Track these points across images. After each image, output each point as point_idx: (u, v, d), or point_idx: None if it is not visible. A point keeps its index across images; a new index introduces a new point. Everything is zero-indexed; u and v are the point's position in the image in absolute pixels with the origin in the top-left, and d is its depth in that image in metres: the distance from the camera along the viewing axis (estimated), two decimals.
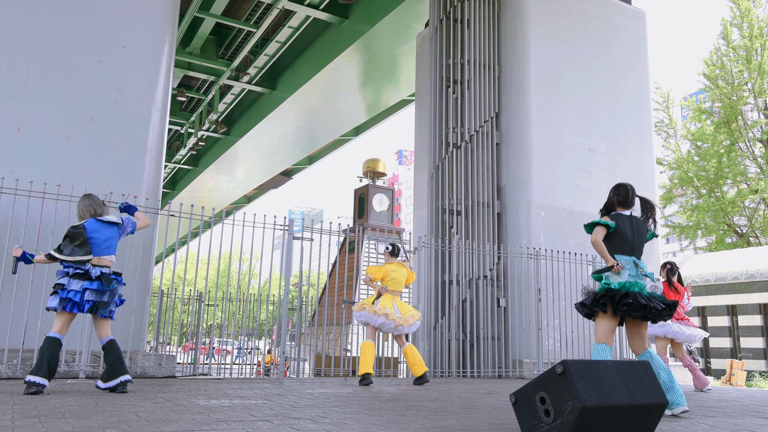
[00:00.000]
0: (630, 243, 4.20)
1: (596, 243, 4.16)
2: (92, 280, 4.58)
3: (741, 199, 22.77)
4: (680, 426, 3.62)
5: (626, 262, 4.14)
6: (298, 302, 7.73)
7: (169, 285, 15.68)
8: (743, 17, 22.90)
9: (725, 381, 15.40)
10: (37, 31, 6.90)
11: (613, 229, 4.17)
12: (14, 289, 5.85)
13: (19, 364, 5.86)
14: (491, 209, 9.89)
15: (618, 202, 4.35)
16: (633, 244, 4.22)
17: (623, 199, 4.35)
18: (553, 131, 10.27)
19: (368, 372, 6.24)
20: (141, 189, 7.02)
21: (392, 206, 19.50)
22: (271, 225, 7.26)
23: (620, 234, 4.19)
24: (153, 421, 3.18)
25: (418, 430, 3.20)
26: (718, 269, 19.26)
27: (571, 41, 10.86)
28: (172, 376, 6.79)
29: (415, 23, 14.05)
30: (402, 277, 6.67)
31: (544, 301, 9.05)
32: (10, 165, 6.45)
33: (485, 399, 5.26)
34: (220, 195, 28.12)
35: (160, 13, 7.66)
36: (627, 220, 4.26)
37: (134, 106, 7.21)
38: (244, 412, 3.70)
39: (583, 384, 2.74)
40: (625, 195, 4.35)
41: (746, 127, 23.46)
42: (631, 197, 4.36)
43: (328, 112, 19.30)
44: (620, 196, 4.36)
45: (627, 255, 4.18)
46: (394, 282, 6.60)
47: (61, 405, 3.79)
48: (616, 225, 4.19)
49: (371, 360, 6.31)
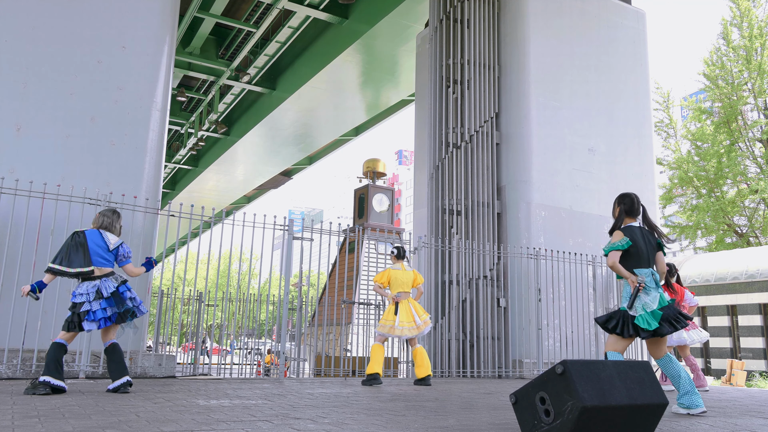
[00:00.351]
0: (645, 255, 4.22)
1: (614, 266, 4.18)
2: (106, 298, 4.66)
3: (741, 199, 22.77)
4: (680, 426, 3.62)
5: (645, 275, 4.15)
6: (298, 302, 7.73)
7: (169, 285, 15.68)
8: (743, 17, 22.89)
9: (725, 381, 15.40)
10: (37, 31, 6.90)
11: (629, 245, 4.17)
12: (14, 289, 5.85)
13: (19, 364, 5.86)
14: (491, 209, 9.89)
15: (625, 212, 4.35)
16: (648, 256, 4.24)
17: (629, 208, 4.36)
18: (553, 131, 10.27)
19: (377, 372, 6.29)
20: (141, 189, 7.02)
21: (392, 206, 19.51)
22: (271, 225, 7.26)
23: (635, 248, 4.20)
24: (153, 421, 3.18)
25: (418, 430, 3.20)
26: (718, 269, 19.26)
27: (571, 41, 10.86)
28: (172, 376, 6.80)
29: (415, 23, 14.04)
30: (406, 278, 6.67)
31: (544, 301, 9.05)
32: (10, 165, 6.46)
33: (485, 399, 5.26)
34: (220, 195, 28.12)
35: (160, 13, 7.66)
36: (638, 232, 4.27)
37: (134, 106, 7.21)
38: (244, 412, 3.70)
39: (583, 384, 2.74)
40: (630, 204, 4.37)
41: (746, 127, 23.46)
42: (637, 206, 4.38)
43: (328, 112, 19.30)
44: (626, 205, 4.36)
45: (645, 268, 4.19)
46: (399, 283, 6.62)
47: (61, 405, 3.79)
48: (631, 239, 4.20)
49: (382, 362, 6.40)
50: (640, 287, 4.08)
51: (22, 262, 5.99)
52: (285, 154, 23.30)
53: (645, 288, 4.11)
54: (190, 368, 8.80)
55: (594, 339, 9.63)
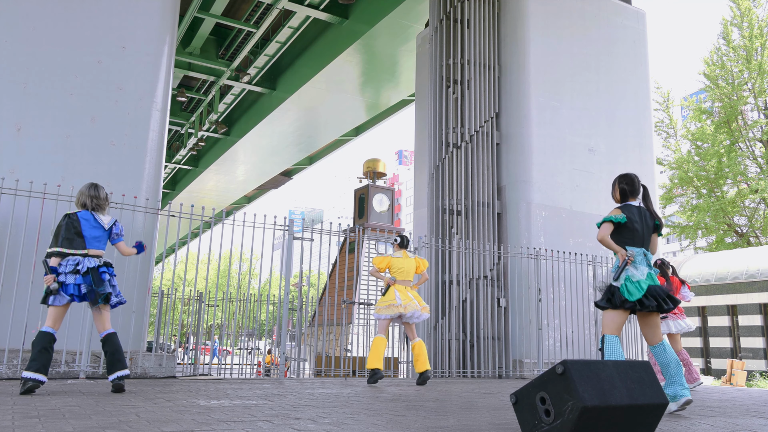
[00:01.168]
0: (639, 234, 4.21)
1: (603, 240, 4.17)
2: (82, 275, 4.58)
3: (741, 198, 22.78)
4: (680, 426, 3.62)
5: (637, 253, 4.15)
6: (299, 302, 7.73)
7: (169, 285, 15.68)
8: (743, 17, 22.90)
9: (725, 381, 15.40)
10: (37, 31, 6.91)
11: (624, 221, 4.17)
12: (14, 289, 5.86)
13: (19, 365, 5.86)
14: (491, 209, 9.89)
15: (627, 191, 4.36)
16: (642, 236, 4.23)
17: (630, 187, 4.36)
18: (553, 131, 10.27)
19: (378, 367, 6.24)
20: (141, 189, 7.02)
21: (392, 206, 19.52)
22: (271, 225, 7.26)
23: (630, 225, 4.19)
24: (153, 421, 3.18)
25: (418, 430, 3.20)
26: (718, 269, 19.27)
27: (571, 41, 10.86)
28: (173, 376, 6.79)
29: (415, 23, 14.05)
30: (409, 267, 6.65)
31: (545, 301, 9.05)
32: (10, 165, 6.46)
33: (485, 399, 5.26)
34: (220, 195, 28.12)
35: (160, 13, 7.66)
36: (636, 211, 4.27)
37: (134, 106, 7.21)
38: (245, 412, 3.70)
39: (584, 384, 2.74)
40: (631, 183, 4.37)
41: (746, 127, 23.47)
42: (638, 185, 4.38)
43: (328, 112, 19.30)
44: (627, 185, 4.37)
45: (637, 246, 4.19)
46: (401, 272, 6.59)
47: (62, 405, 3.79)
48: (628, 218, 4.19)
49: (382, 355, 6.33)
50: (629, 261, 4.08)
51: (22, 262, 5.99)
52: (285, 154, 23.30)
53: (634, 263, 4.11)
54: (190, 368, 8.81)
55: (594, 339, 9.62)
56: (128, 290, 6.31)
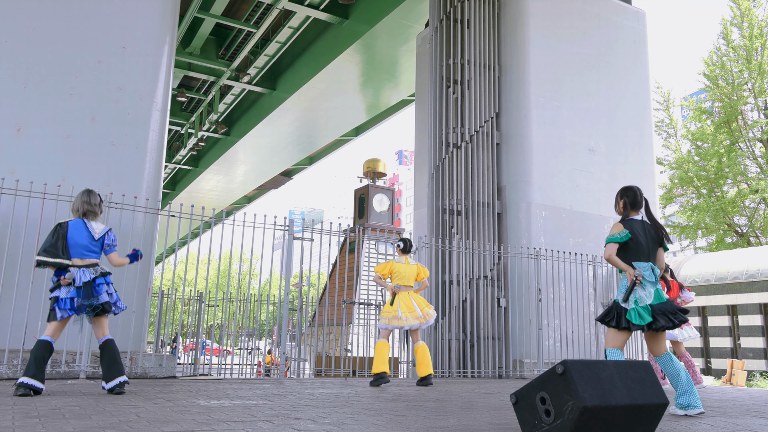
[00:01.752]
0: (645, 248, 4.20)
1: (610, 259, 4.17)
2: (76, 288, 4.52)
3: (741, 198, 22.78)
4: (681, 426, 3.62)
5: (644, 269, 4.14)
6: (299, 302, 7.73)
7: (170, 285, 15.68)
8: (743, 17, 22.90)
9: (725, 381, 15.40)
10: (38, 31, 6.90)
11: (627, 238, 4.16)
12: (14, 289, 5.85)
13: (19, 365, 5.86)
14: (491, 209, 9.89)
15: (629, 204, 4.35)
16: (648, 250, 4.21)
17: (632, 200, 4.35)
18: (553, 131, 10.27)
19: (384, 371, 6.27)
20: (141, 189, 7.02)
21: (392, 206, 19.53)
22: (272, 225, 7.26)
23: (635, 241, 4.18)
24: (153, 421, 3.18)
25: (418, 430, 3.20)
26: (718, 269, 19.26)
27: (571, 41, 10.86)
28: (173, 376, 6.80)
29: (415, 23, 14.05)
30: (410, 272, 6.66)
31: (545, 301, 9.05)
32: (10, 165, 6.45)
33: (486, 399, 5.26)
34: (220, 195, 28.12)
35: (160, 13, 7.66)
36: (639, 225, 4.25)
37: (134, 107, 7.21)
38: (245, 412, 3.70)
39: (584, 384, 2.74)
40: (633, 197, 4.35)
41: (746, 127, 23.47)
42: (640, 198, 4.36)
43: (328, 112, 19.30)
44: (629, 198, 4.36)
45: (644, 261, 4.18)
46: (401, 276, 6.60)
47: (62, 405, 3.79)
48: (631, 232, 4.19)
49: (387, 359, 6.37)
50: (637, 281, 4.07)
51: (22, 262, 5.99)
52: (285, 154, 23.30)
53: (642, 282, 4.11)
54: (190, 368, 8.81)
55: (594, 339, 9.63)
56: (128, 290, 6.31)
